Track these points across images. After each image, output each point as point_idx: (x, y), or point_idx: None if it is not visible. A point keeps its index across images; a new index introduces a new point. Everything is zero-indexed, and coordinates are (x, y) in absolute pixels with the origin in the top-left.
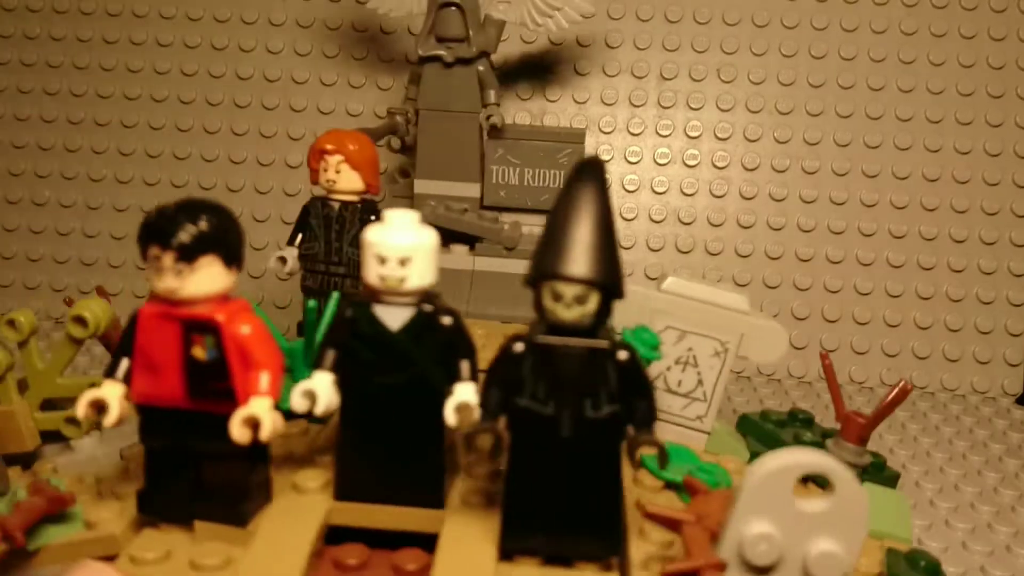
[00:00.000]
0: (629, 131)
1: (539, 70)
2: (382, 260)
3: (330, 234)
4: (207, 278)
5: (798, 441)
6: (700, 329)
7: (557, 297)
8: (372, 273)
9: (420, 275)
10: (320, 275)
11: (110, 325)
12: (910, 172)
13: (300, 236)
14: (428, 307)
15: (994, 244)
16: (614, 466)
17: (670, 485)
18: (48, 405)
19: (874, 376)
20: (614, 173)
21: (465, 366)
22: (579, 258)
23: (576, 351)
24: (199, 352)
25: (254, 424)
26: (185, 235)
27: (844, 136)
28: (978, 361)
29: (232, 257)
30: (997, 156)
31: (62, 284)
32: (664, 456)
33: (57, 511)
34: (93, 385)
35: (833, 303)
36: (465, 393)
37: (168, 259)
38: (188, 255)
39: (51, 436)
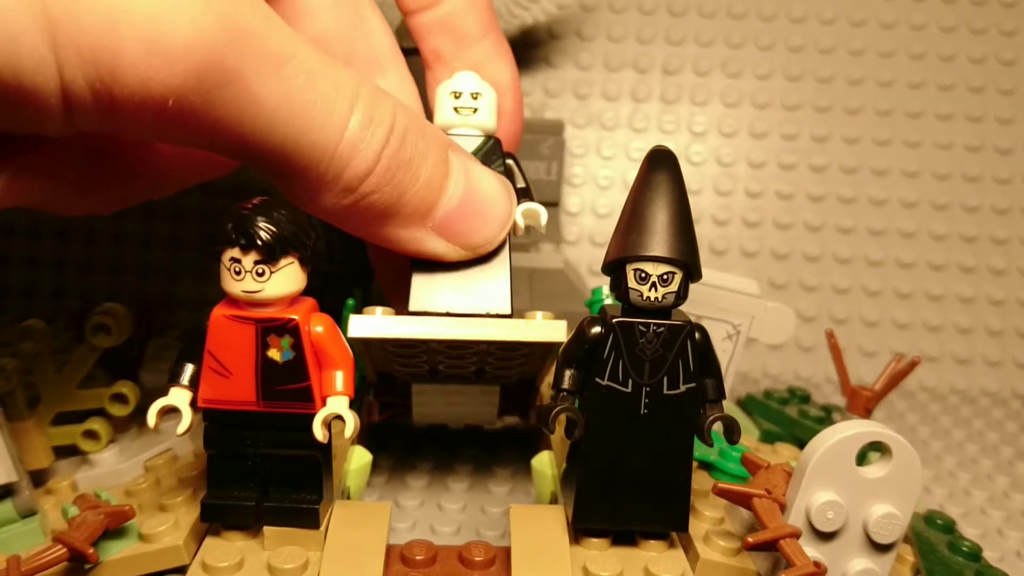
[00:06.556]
0: (632, 127)
1: (539, 64)
2: None
3: (331, 233)
4: (287, 279)
5: (804, 416)
6: (713, 313)
7: (642, 278)
8: None
9: None
10: (324, 273)
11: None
12: (919, 169)
13: None
14: None
15: (1004, 243)
16: (687, 443)
17: (702, 465)
18: (58, 419)
19: None
20: (616, 170)
21: None
22: (665, 239)
23: (656, 330)
24: (275, 353)
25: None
26: (268, 236)
27: (852, 132)
28: (988, 363)
29: (308, 257)
30: (1007, 153)
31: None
32: (737, 431)
33: (117, 526)
34: (117, 395)
35: (841, 303)
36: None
37: (249, 261)
38: (270, 256)
39: (63, 451)
